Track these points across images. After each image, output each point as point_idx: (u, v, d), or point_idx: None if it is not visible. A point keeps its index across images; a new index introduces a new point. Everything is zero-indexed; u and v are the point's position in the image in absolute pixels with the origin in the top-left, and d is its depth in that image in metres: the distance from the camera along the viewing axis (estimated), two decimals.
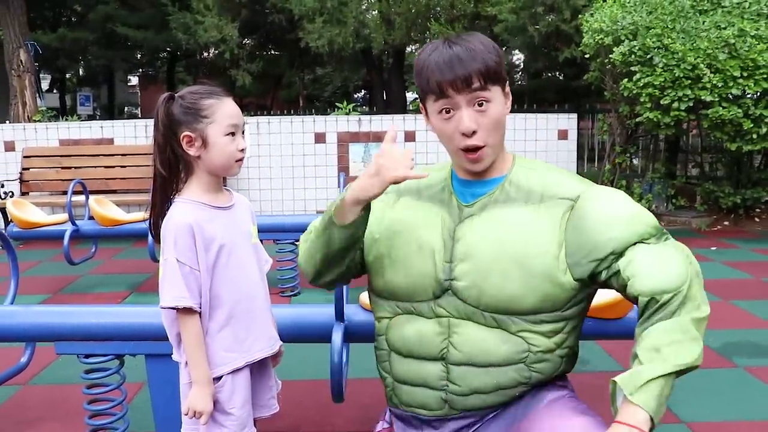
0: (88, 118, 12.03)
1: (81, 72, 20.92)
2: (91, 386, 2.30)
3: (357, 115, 8.03)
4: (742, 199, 7.33)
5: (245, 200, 1.86)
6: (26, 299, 4.56)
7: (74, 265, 5.01)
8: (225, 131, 1.66)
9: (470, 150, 1.49)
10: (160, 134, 1.67)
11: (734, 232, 7.14)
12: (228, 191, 1.80)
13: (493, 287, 1.46)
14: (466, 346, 1.50)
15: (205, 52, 15.31)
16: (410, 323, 1.56)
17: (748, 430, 2.71)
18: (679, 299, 1.34)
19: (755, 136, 6.34)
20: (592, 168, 9.89)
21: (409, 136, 7.93)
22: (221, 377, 1.69)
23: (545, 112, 8.15)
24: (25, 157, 7.61)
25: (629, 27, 6.70)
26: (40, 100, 10.25)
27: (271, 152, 7.88)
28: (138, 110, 26.97)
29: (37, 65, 11.52)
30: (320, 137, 7.92)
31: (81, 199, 5.28)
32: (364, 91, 25.15)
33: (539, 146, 7.95)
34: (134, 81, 28.11)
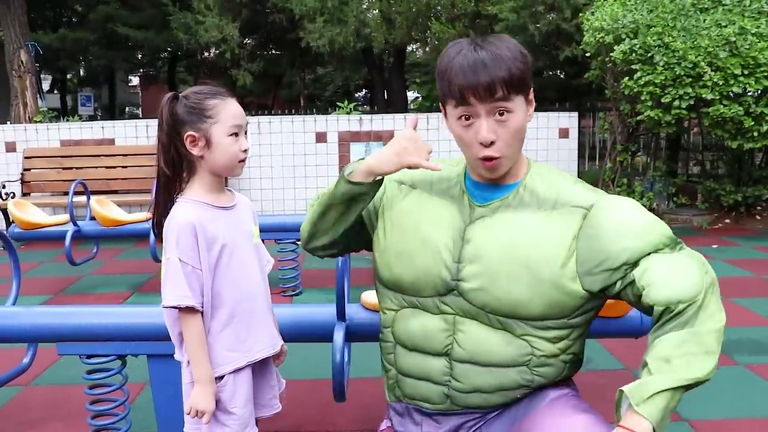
0: (89, 119, 12.02)
1: (82, 72, 20.90)
2: (93, 387, 2.30)
3: (358, 115, 8.03)
4: (743, 197, 7.32)
5: (247, 200, 1.86)
6: (28, 300, 4.57)
7: (76, 266, 5.01)
8: (229, 131, 1.67)
9: (487, 159, 1.49)
10: (164, 134, 1.67)
11: (735, 230, 7.13)
12: (230, 191, 1.81)
13: (501, 291, 1.46)
14: (470, 345, 1.50)
15: (206, 52, 15.30)
16: (416, 317, 1.57)
17: (749, 428, 2.71)
18: (694, 309, 1.33)
19: (756, 134, 6.34)
20: (593, 166, 9.88)
21: None
22: (223, 376, 1.70)
23: (546, 111, 8.13)
24: (27, 158, 7.60)
25: (630, 25, 6.70)
26: (41, 101, 10.24)
27: (272, 152, 7.88)
28: (139, 110, 26.95)
29: (38, 66, 11.52)
30: (321, 137, 7.92)
31: (82, 200, 5.28)
32: (365, 91, 25.13)
33: (540, 145, 7.94)
34: (135, 81, 28.09)
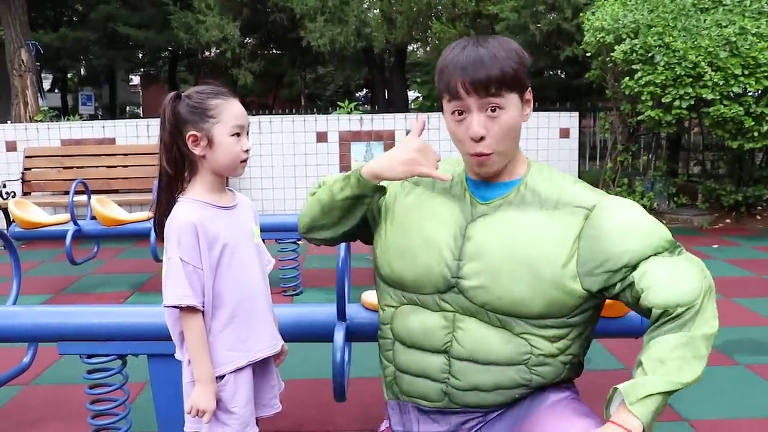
0: (90, 118, 12.02)
1: (82, 72, 20.88)
2: (94, 386, 2.31)
3: (359, 114, 8.02)
4: (744, 197, 7.32)
5: (248, 200, 1.86)
6: (28, 299, 4.57)
7: (76, 265, 5.01)
8: (231, 132, 1.68)
9: (477, 155, 1.50)
10: (167, 133, 1.68)
11: (736, 230, 7.13)
12: (231, 191, 1.81)
13: (501, 289, 1.47)
14: (469, 343, 1.50)
15: (207, 52, 15.29)
16: (415, 314, 1.57)
17: (749, 428, 2.71)
18: (692, 313, 1.34)
19: (756, 134, 6.33)
20: (594, 166, 9.88)
21: None
22: (224, 376, 1.70)
23: (547, 111, 8.13)
24: (27, 157, 7.60)
25: (630, 25, 6.69)
26: (42, 100, 10.25)
27: (273, 151, 7.88)
28: (140, 110, 26.95)
29: (39, 65, 11.54)
30: (322, 136, 7.92)
31: (83, 199, 5.29)
32: (366, 90, 25.10)
33: (541, 144, 7.94)
34: (136, 80, 28.06)
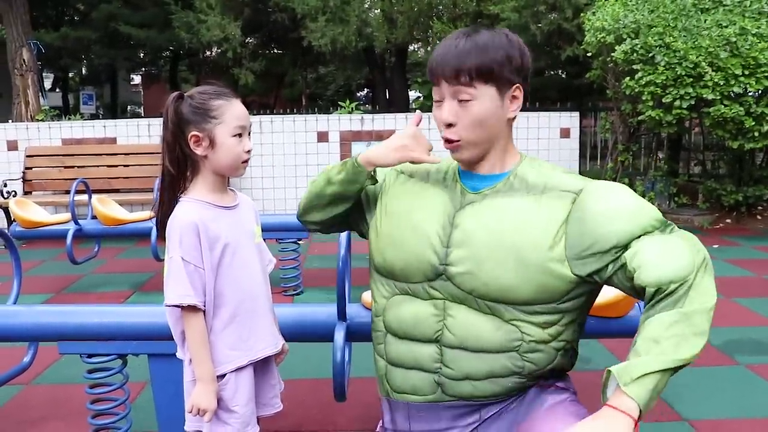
0: (91, 117, 12.05)
1: (84, 71, 20.89)
2: (94, 386, 2.31)
3: (360, 114, 8.03)
4: (744, 197, 7.32)
5: (249, 200, 1.87)
6: (29, 299, 4.57)
7: (77, 265, 5.02)
8: (233, 132, 1.68)
9: (447, 140, 1.55)
10: (169, 133, 1.68)
11: (736, 230, 7.13)
12: (232, 191, 1.81)
13: (488, 275, 1.46)
14: (460, 330, 1.50)
15: (208, 51, 15.32)
16: (407, 304, 1.57)
17: (750, 428, 2.71)
18: (685, 288, 1.32)
19: (757, 134, 6.34)
20: (595, 166, 9.88)
21: None
22: (225, 375, 1.71)
23: (548, 111, 8.14)
24: (28, 157, 7.61)
25: (631, 25, 6.70)
26: (43, 99, 10.26)
27: (274, 151, 7.89)
28: (141, 109, 26.98)
29: (40, 64, 11.54)
30: (323, 136, 7.92)
31: (84, 199, 5.30)
32: (367, 90, 25.11)
33: (542, 144, 7.94)
34: (137, 80, 28.08)
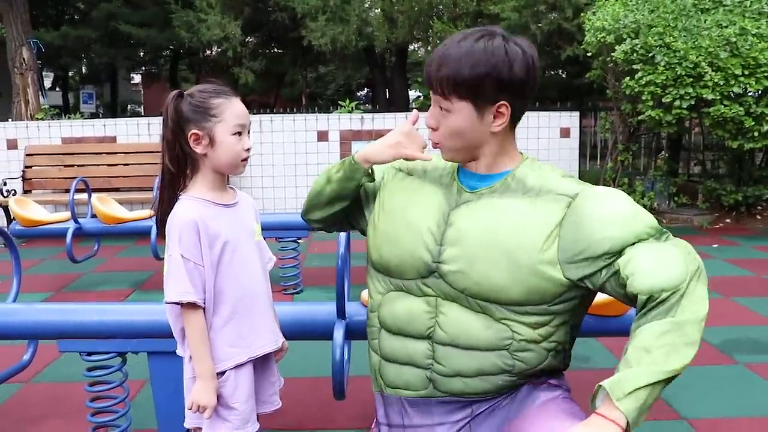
0: (91, 116, 12.05)
1: (84, 70, 20.86)
2: (94, 384, 2.31)
3: (360, 114, 8.03)
4: (744, 197, 7.32)
5: (249, 198, 1.87)
6: (29, 297, 4.58)
7: (77, 263, 5.03)
8: (232, 130, 1.69)
9: (431, 140, 1.60)
10: (169, 131, 1.69)
11: (736, 230, 7.13)
12: (232, 189, 1.82)
13: (479, 275, 1.47)
14: (451, 327, 1.51)
15: (208, 50, 15.30)
16: (401, 300, 1.59)
17: (749, 427, 2.71)
18: (677, 297, 1.31)
19: (756, 134, 6.34)
20: (595, 166, 9.88)
21: None
22: (225, 372, 1.71)
23: (547, 110, 8.14)
24: (28, 155, 7.61)
25: (631, 25, 6.69)
26: (43, 98, 10.26)
27: (274, 150, 7.88)
28: (141, 108, 26.98)
29: (40, 63, 11.54)
30: (323, 135, 7.92)
31: (84, 197, 5.30)
32: (367, 89, 25.11)
33: (541, 144, 7.94)
34: (137, 79, 28.07)
